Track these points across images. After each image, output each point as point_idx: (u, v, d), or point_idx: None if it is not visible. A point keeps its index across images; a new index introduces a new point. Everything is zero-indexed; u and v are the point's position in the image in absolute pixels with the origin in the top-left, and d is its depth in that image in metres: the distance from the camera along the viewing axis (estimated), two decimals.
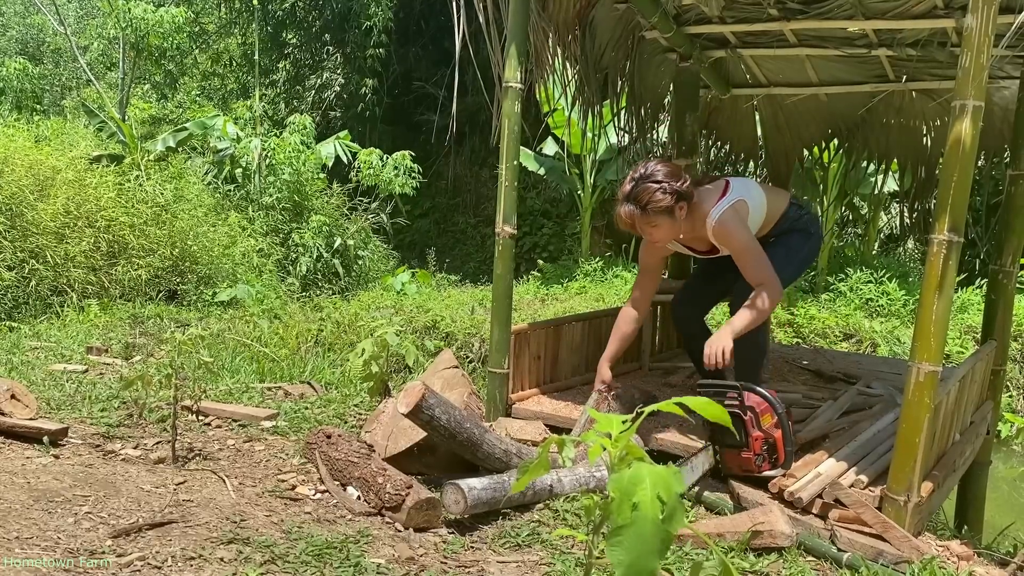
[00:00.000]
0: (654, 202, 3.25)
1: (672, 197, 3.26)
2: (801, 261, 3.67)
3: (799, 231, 3.63)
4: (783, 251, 3.57)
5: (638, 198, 3.28)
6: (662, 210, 3.27)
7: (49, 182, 8.17)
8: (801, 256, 3.65)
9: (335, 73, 16.02)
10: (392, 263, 12.59)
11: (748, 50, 5.00)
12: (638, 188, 3.28)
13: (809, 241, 3.65)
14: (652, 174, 3.28)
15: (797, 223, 3.63)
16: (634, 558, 1.27)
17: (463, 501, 2.57)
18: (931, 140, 5.59)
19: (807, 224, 3.65)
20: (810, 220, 3.67)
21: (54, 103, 18.37)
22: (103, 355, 5.09)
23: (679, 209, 3.31)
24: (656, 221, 3.31)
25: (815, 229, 3.67)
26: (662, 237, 3.43)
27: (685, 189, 3.30)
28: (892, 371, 4.91)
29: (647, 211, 3.27)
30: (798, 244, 3.62)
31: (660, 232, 3.38)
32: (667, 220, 3.31)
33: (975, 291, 9.76)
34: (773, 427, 2.92)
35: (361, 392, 4.24)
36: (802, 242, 3.63)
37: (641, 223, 3.33)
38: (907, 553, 2.55)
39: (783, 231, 3.62)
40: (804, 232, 3.63)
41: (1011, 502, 6.75)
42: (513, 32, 3.57)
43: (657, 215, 3.28)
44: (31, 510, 2.36)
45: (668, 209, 3.27)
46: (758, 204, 3.51)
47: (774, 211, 3.58)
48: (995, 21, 2.52)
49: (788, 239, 3.62)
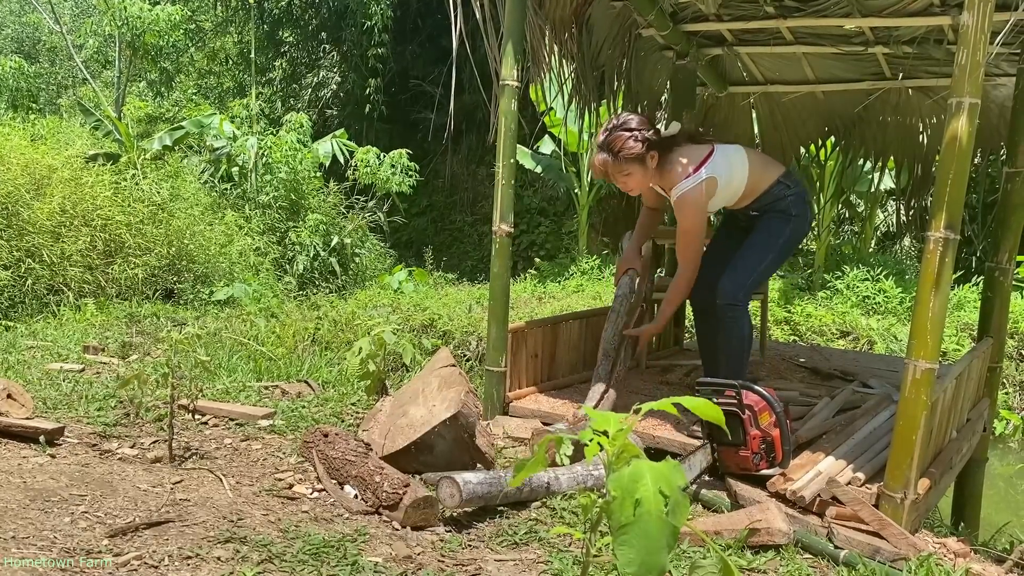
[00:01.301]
0: (626, 149, 3.40)
1: (643, 145, 3.39)
2: (782, 247, 3.67)
3: (780, 212, 3.60)
4: (763, 236, 3.62)
5: (611, 146, 3.43)
6: (633, 158, 3.41)
7: (45, 181, 8.15)
8: (781, 242, 3.64)
9: (332, 71, 15.99)
10: (389, 261, 12.57)
11: (745, 48, 5.01)
12: (611, 136, 3.43)
13: (790, 224, 3.61)
14: (625, 123, 3.43)
15: (779, 203, 3.60)
16: (644, 555, 1.26)
17: (458, 495, 2.57)
18: (927, 137, 5.60)
19: (790, 205, 3.60)
20: (794, 201, 3.61)
21: (50, 102, 18.33)
22: (100, 354, 5.08)
23: (650, 158, 3.44)
24: (627, 169, 3.45)
25: (798, 210, 3.62)
26: (635, 186, 3.54)
27: (656, 138, 3.45)
28: (889, 368, 4.91)
29: (619, 158, 3.42)
30: (778, 229, 3.61)
31: (633, 180, 3.51)
32: (638, 168, 3.45)
33: (971, 288, 9.77)
34: (771, 426, 2.93)
35: (358, 391, 4.23)
36: (782, 226, 3.61)
37: (613, 171, 3.47)
38: (904, 550, 2.56)
39: (764, 208, 3.63)
40: (784, 215, 3.60)
41: (1008, 499, 6.76)
42: (510, 30, 3.57)
43: (628, 163, 3.42)
44: (27, 510, 2.36)
45: (639, 157, 3.41)
46: (737, 175, 3.54)
47: (757, 184, 3.59)
48: (991, 18, 2.52)
49: (769, 223, 3.62)
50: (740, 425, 2.91)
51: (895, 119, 5.58)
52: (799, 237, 3.75)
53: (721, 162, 3.50)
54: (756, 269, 3.66)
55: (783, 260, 3.82)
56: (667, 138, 3.52)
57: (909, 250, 12.98)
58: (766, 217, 3.64)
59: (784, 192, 3.61)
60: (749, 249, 3.65)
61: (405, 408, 3.15)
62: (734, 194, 3.59)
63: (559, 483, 2.89)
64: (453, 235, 15.36)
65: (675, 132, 3.60)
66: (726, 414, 2.93)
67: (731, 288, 3.59)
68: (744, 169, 3.55)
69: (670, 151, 3.50)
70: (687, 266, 3.56)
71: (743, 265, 3.63)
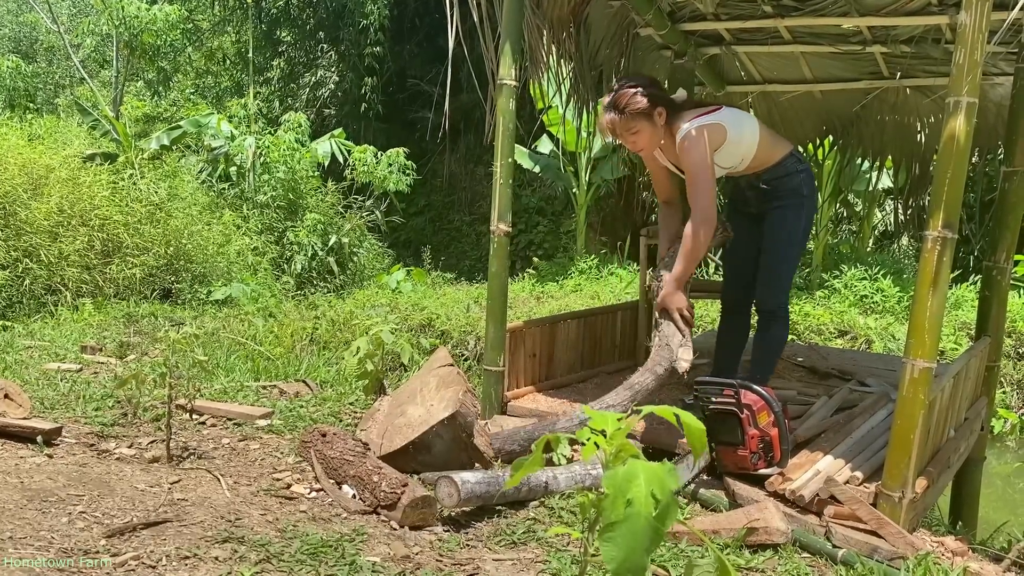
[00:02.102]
0: (632, 104, 3.36)
1: (648, 100, 3.35)
2: (801, 237, 3.68)
3: (792, 192, 3.58)
4: (782, 235, 3.60)
5: (616, 103, 3.40)
6: (640, 112, 3.36)
7: (43, 181, 8.14)
8: (799, 233, 3.65)
9: (329, 71, 15.99)
10: (387, 261, 12.57)
11: (743, 47, 5.01)
12: (617, 94, 3.40)
13: (804, 208, 3.62)
14: (633, 81, 3.42)
15: (791, 179, 3.58)
16: (626, 554, 1.28)
17: (456, 494, 2.57)
18: (925, 137, 5.60)
19: (801, 184, 3.59)
20: (805, 179, 3.62)
21: (47, 101, 18.32)
22: (97, 354, 5.07)
23: (658, 115, 3.39)
24: (635, 126, 3.39)
25: (809, 189, 3.63)
26: (643, 144, 3.48)
27: (663, 94, 3.42)
28: (887, 367, 4.91)
29: (625, 114, 3.37)
30: (793, 221, 3.61)
31: (641, 138, 3.44)
32: (647, 125, 3.40)
33: (969, 287, 9.78)
34: (770, 425, 2.93)
35: (356, 390, 4.23)
36: (796, 216, 3.62)
37: (621, 129, 3.42)
38: (902, 549, 2.56)
39: (775, 181, 3.59)
40: (797, 196, 3.59)
41: (1005, 498, 6.77)
42: (507, 29, 3.57)
43: (635, 119, 3.37)
44: (25, 510, 2.36)
45: (646, 112, 3.36)
46: (747, 136, 3.48)
47: (769, 152, 3.56)
48: (989, 17, 2.52)
49: (784, 215, 3.60)
50: (738, 424, 2.91)
51: (893, 118, 5.59)
52: (811, 222, 3.76)
53: (729, 115, 3.47)
54: (789, 269, 3.69)
55: (805, 245, 3.80)
56: (674, 100, 3.50)
57: (907, 249, 13.00)
58: (778, 204, 3.60)
59: (796, 167, 3.61)
60: (774, 251, 3.63)
61: (403, 408, 3.15)
62: (746, 153, 3.51)
63: (557, 482, 2.89)
64: (451, 234, 15.36)
65: (683, 99, 3.58)
66: (724, 413, 2.94)
67: (773, 296, 3.63)
68: (755, 131, 3.51)
69: (678, 113, 3.46)
70: (701, 212, 3.31)
71: (775, 271, 3.64)
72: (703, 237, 3.32)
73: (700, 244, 3.33)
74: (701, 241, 3.32)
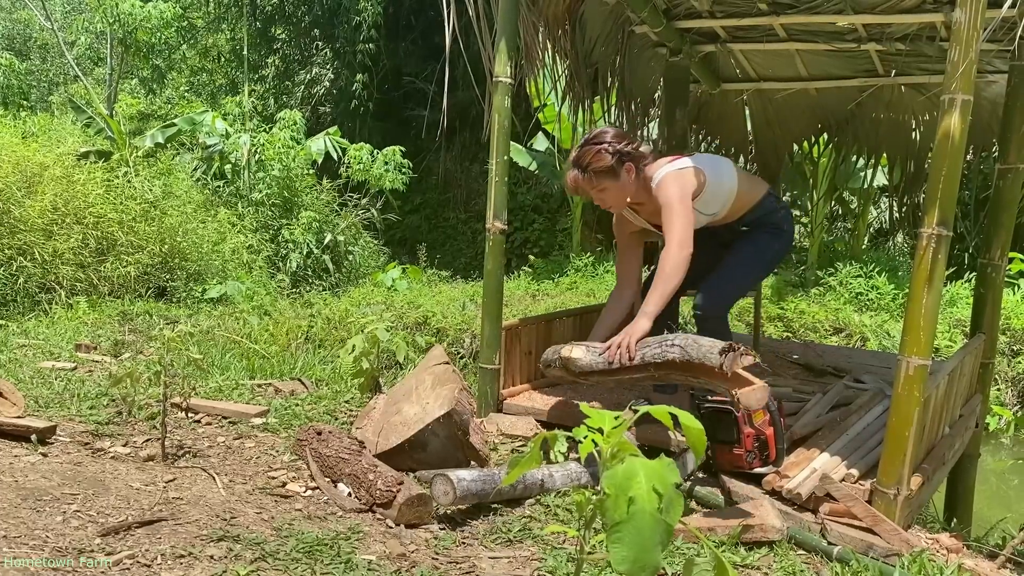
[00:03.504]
0: (595, 163, 3.24)
1: (614, 157, 3.22)
2: (768, 261, 3.59)
3: (771, 226, 3.53)
4: (751, 249, 3.50)
5: (580, 160, 3.27)
6: (604, 171, 3.24)
7: (36, 178, 8.11)
8: (768, 256, 3.56)
9: (324, 68, 15.96)
10: (383, 259, 12.56)
11: (738, 45, 5.01)
12: (581, 151, 3.28)
13: (779, 240, 3.55)
14: (596, 136, 3.28)
15: (771, 216, 3.53)
16: (636, 553, 1.26)
17: (452, 492, 2.57)
18: (920, 134, 5.62)
19: (780, 220, 3.54)
20: (784, 216, 3.57)
21: (41, 99, 18.26)
22: (92, 352, 5.06)
23: (626, 171, 3.27)
24: (601, 184, 3.28)
25: (788, 226, 3.58)
26: (612, 202, 3.36)
27: (630, 150, 3.26)
28: (882, 365, 4.93)
29: (588, 172, 3.26)
30: (766, 243, 3.53)
31: (609, 196, 3.33)
32: (612, 183, 3.27)
33: (964, 285, 9.81)
34: (765, 424, 2.93)
35: (352, 388, 4.23)
36: (771, 240, 3.53)
37: (586, 186, 3.30)
38: (897, 546, 2.56)
39: (756, 220, 3.53)
40: (776, 229, 3.53)
41: (1000, 495, 6.79)
42: (503, 27, 3.56)
43: (600, 177, 3.26)
44: (19, 509, 2.35)
45: (610, 170, 3.24)
46: (726, 179, 3.40)
47: (747, 197, 3.48)
48: (983, 16, 2.52)
49: (758, 237, 3.52)
50: (734, 423, 2.91)
51: (888, 116, 5.59)
52: (782, 255, 3.65)
53: (705, 159, 3.41)
54: (744, 283, 3.54)
55: (767, 274, 3.68)
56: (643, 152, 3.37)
57: (902, 247, 13.02)
58: (755, 230, 3.54)
59: (776, 205, 3.56)
60: (737, 261, 3.49)
61: (399, 406, 3.15)
62: (727, 199, 3.42)
63: (553, 480, 2.89)
64: (447, 232, 15.35)
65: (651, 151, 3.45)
66: (720, 412, 2.94)
67: (716, 299, 3.43)
68: (733, 176, 3.43)
69: (650, 164, 3.36)
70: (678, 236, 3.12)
71: (730, 276, 3.47)
72: (680, 261, 3.11)
73: (676, 270, 3.11)
74: (678, 265, 3.11)
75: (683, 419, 1.43)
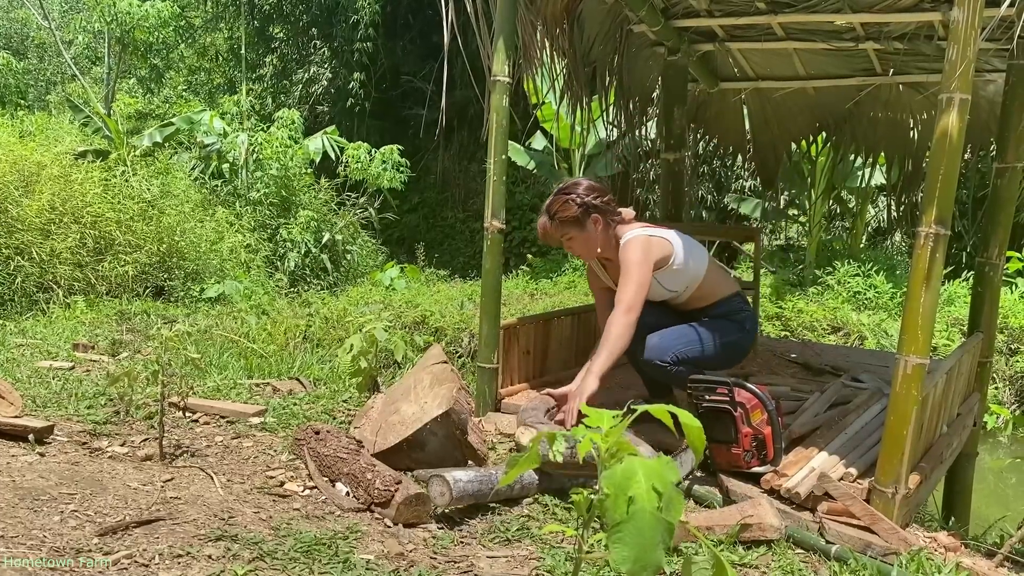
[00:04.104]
0: (562, 212, 3.32)
1: (580, 208, 3.28)
2: (727, 346, 3.42)
3: (735, 321, 3.46)
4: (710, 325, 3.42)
5: (548, 208, 3.38)
6: (570, 220, 3.31)
7: (34, 178, 8.11)
8: (728, 341, 3.42)
9: (322, 67, 15.95)
10: (381, 258, 12.55)
11: (736, 44, 5.01)
12: (551, 199, 3.38)
13: (741, 335, 3.47)
14: (568, 188, 3.35)
15: (737, 314, 3.47)
16: (638, 552, 1.26)
17: (448, 493, 2.56)
18: (918, 133, 5.62)
19: (744, 320, 3.48)
20: (748, 317, 3.51)
21: (39, 98, 18.24)
22: (89, 352, 5.05)
23: (593, 222, 3.30)
24: (568, 232, 3.35)
25: (750, 327, 3.51)
26: (579, 251, 3.43)
27: (599, 203, 3.29)
28: (880, 364, 4.93)
29: (555, 220, 3.34)
30: (729, 330, 3.43)
31: (575, 245, 3.40)
32: (579, 232, 3.33)
33: (962, 284, 9.82)
34: (763, 423, 2.93)
35: (350, 388, 4.22)
36: (733, 331, 3.44)
37: (554, 233, 3.38)
38: (895, 545, 2.56)
39: (720, 315, 3.46)
40: (740, 325, 3.46)
41: (997, 493, 6.80)
42: (501, 26, 3.56)
43: (566, 225, 3.33)
44: (16, 509, 2.34)
45: (576, 220, 3.30)
46: (692, 265, 3.36)
47: (713, 288, 3.44)
48: (981, 14, 2.53)
49: (721, 324, 3.44)
50: (732, 423, 2.91)
51: (886, 115, 5.60)
52: (741, 351, 3.54)
53: (678, 237, 3.37)
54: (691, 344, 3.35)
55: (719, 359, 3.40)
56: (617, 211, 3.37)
57: (900, 246, 13.04)
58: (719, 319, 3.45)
59: (743, 306, 3.52)
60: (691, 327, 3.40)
61: (397, 405, 3.14)
62: (690, 281, 3.39)
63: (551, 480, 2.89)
64: (445, 231, 15.35)
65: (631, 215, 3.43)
66: (718, 411, 2.94)
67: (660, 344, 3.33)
68: (703, 262, 3.40)
69: (622, 223, 3.36)
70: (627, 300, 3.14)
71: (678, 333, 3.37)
72: (626, 325, 3.13)
73: (621, 335, 3.12)
74: (624, 329, 3.12)
75: (683, 418, 1.43)
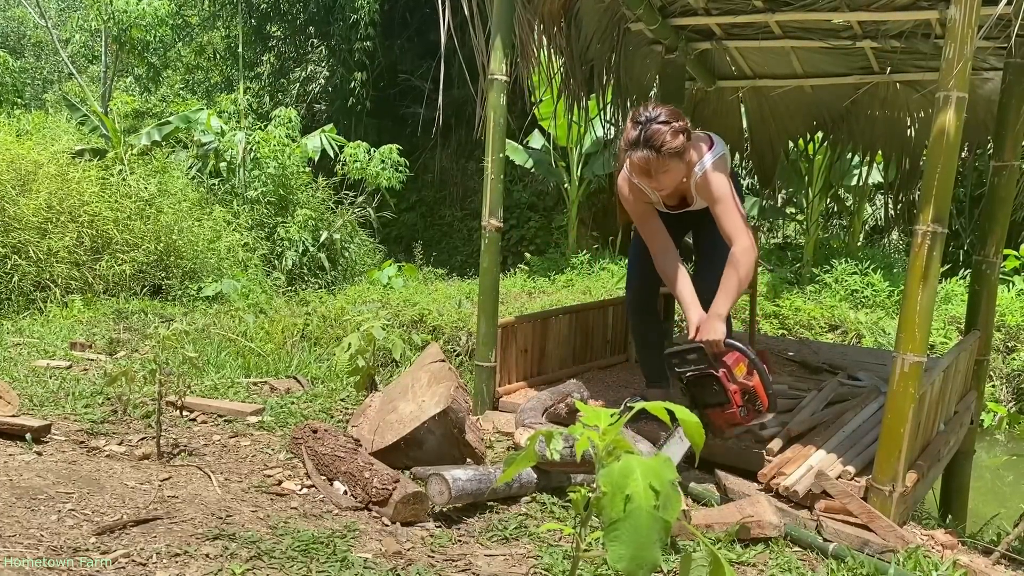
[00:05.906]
0: (671, 143, 3.10)
1: (684, 136, 3.13)
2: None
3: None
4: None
5: (651, 141, 3.09)
6: (675, 152, 3.12)
7: (31, 176, 8.09)
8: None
9: (320, 66, 15.93)
10: (378, 257, 12.54)
11: (733, 42, 5.01)
12: (649, 131, 3.10)
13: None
14: (658, 116, 3.12)
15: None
16: (634, 551, 1.26)
17: (447, 492, 2.57)
18: (915, 132, 5.62)
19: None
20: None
21: (35, 97, 18.20)
22: (87, 351, 5.05)
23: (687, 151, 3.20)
24: (669, 165, 3.15)
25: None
26: (669, 183, 3.26)
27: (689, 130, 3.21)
28: (877, 362, 4.94)
29: (662, 153, 3.11)
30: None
31: (669, 177, 3.22)
32: (678, 163, 3.18)
33: (959, 282, 9.83)
34: (749, 376, 2.91)
35: (347, 387, 4.22)
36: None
37: (656, 168, 3.16)
38: (892, 543, 2.57)
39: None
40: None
41: (994, 491, 6.82)
42: (498, 24, 3.56)
43: (671, 158, 3.13)
44: (14, 508, 2.34)
45: (680, 152, 3.14)
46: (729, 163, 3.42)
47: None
48: (978, 13, 2.53)
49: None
50: (718, 384, 2.88)
51: (883, 113, 5.60)
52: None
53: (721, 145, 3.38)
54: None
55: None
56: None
57: (897, 244, 13.06)
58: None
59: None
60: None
61: (394, 404, 3.14)
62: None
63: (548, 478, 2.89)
64: (443, 230, 15.34)
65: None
66: (702, 377, 2.90)
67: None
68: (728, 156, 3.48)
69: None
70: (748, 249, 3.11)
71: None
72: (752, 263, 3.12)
73: (750, 272, 3.12)
74: (751, 268, 3.11)
75: (679, 413, 1.43)
